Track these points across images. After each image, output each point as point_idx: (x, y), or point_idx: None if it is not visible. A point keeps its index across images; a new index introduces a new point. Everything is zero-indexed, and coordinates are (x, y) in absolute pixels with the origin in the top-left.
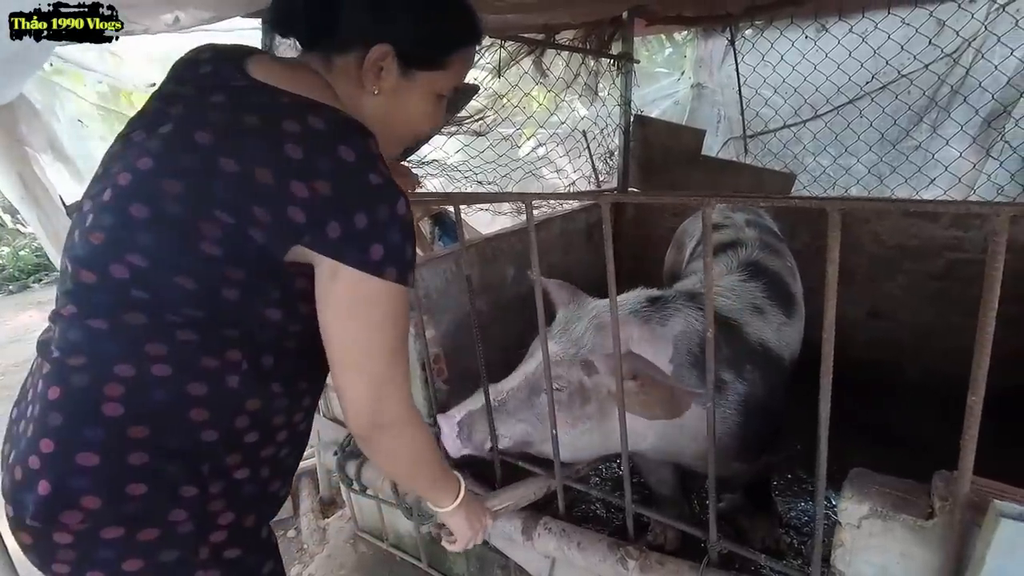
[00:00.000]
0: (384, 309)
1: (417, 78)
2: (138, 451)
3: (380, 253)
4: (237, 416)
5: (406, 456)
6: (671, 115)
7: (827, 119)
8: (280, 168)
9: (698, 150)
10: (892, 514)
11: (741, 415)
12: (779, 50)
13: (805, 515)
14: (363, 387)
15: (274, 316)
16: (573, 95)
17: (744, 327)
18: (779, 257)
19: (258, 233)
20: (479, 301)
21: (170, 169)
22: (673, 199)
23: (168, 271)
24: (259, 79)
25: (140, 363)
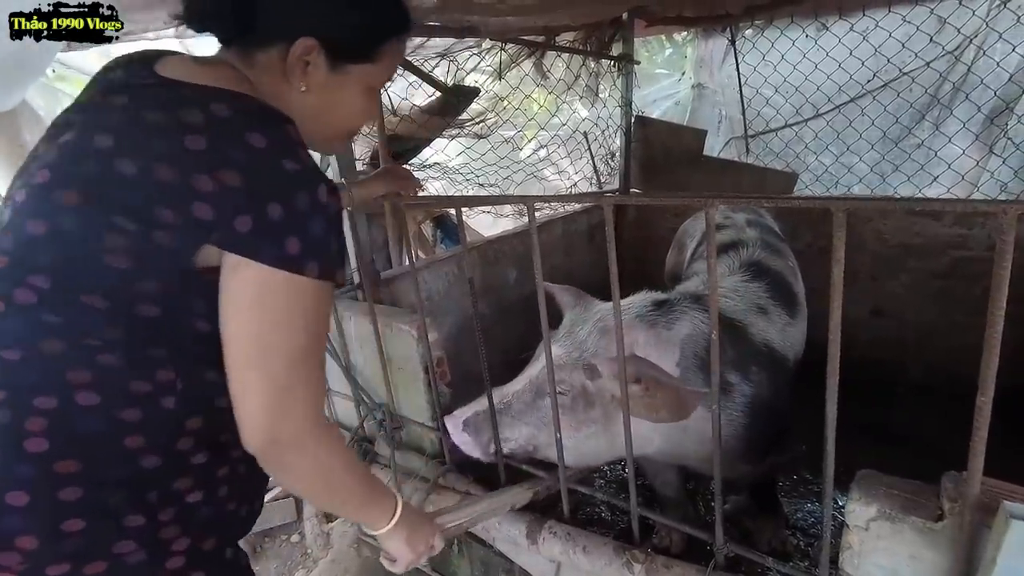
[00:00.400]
0: (296, 305)
1: (348, 72)
2: (70, 486)
3: (298, 247)
4: (179, 439)
5: (314, 477)
6: (672, 116)
7: (829, 118)
8: (181, 162)
9: (699, 150)
10: (901, 516)
11: (747, 417)
12: (780, 49)
13: (812, 516)
14: (260, 393)
15: (204, 328)
16: (574, 97)
17: (749, 328)
18: (780, 257)
19: (164, 237)
20: (481, 303)
21: (66, 179)
22: (675, 200)
23: (74, 291)
24: (167, 76)
25: (62, 393)
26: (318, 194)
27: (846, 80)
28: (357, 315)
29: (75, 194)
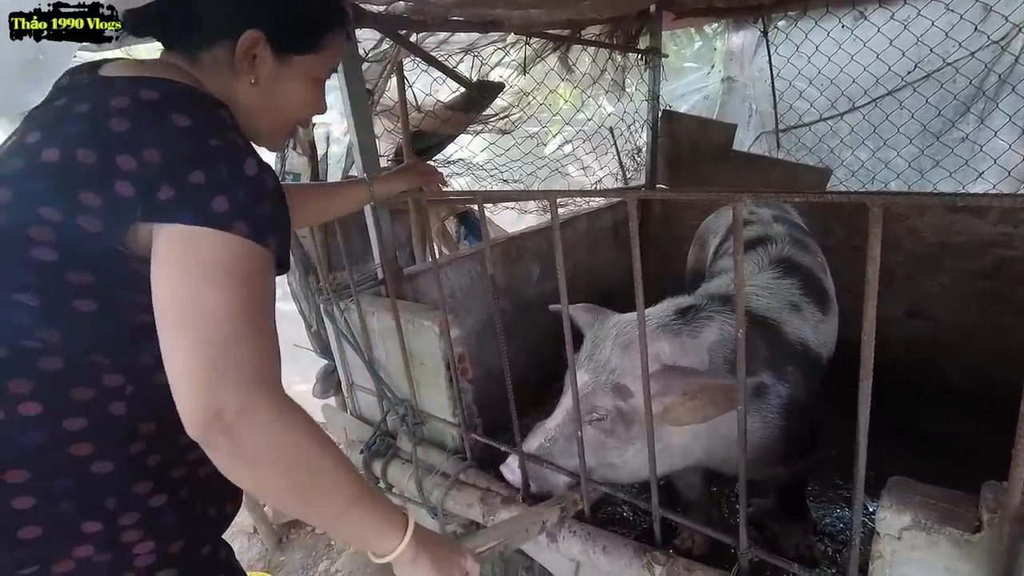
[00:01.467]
0: (225, 261)
1: (292, 63)
2: (21, 496)
3: (225, 205)
4: (131, 443)
5: (274, 461)
6: (700, 110)
7: (865, 111)
8: (104, 144)
9: (728, 145)
10: (936, 527)
11: (784, 418)
12: (814, 40)
13: (841, 522)
14: (193, 359)
15: (149, 323)
16: (600, 91)
17: (783, 327)
18: (809, 253)
19: (90, 222)
20: (503, 300)
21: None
22: (702, 196)
23: (6, 289)
24: (105, 75)
25: (6, 404)
26: (244, 166)
27: (884, 72)
28: (380, 310)
29: (5, 192)
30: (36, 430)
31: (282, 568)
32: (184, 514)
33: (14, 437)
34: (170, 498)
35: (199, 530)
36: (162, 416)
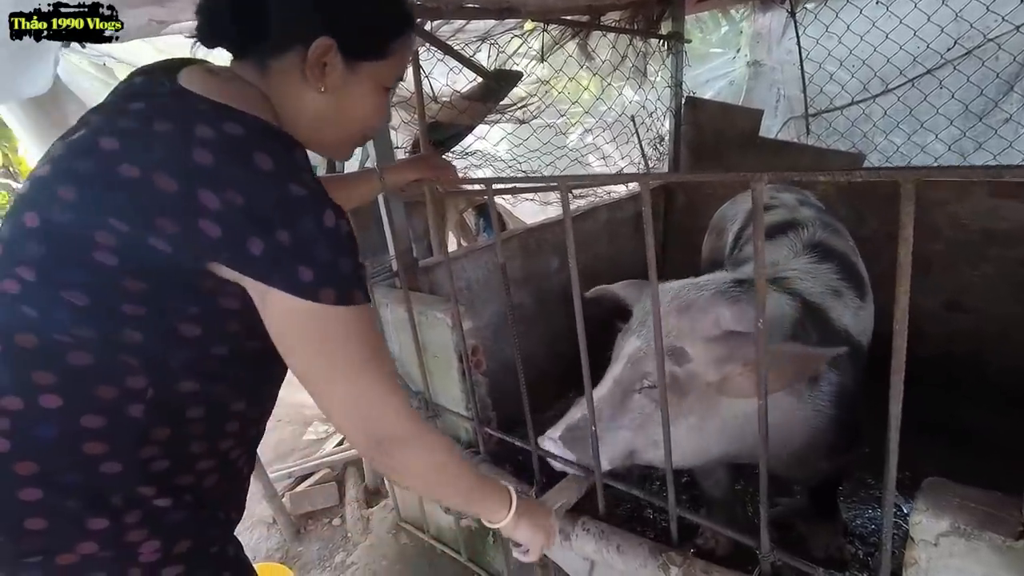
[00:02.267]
0: (331, 334)
1: (362, 70)
2: (29, 487)
3: (309, 275)
4: (142, 447)
5: (422, 471)
6: (726, 96)
7: (900, 93)
8: (186, 176)
9: (754, 132)
10: (976, 532)
11: (835, 407)
12: (845, 20)
13: (872, 524)
14: (344, 411)
15: (190, 333)
16: (621, 79)
17: (829, 311)
18: (841, 237)
19: (162, 244)
20: (521, 292)
21: (66, 175)
22: (718, 177)
23: (56, 285)
24: (185, 86)
25: (28, 394)
26: (324, 219)
27: (922, 50)
28: (393, 302)
29: (72, 190)
30: (53, 424)
31: (299, 559)
32: (190, 515)
33: (30, 429)
34: (175, 501)
35: (206, 531)
36: (177, 423)
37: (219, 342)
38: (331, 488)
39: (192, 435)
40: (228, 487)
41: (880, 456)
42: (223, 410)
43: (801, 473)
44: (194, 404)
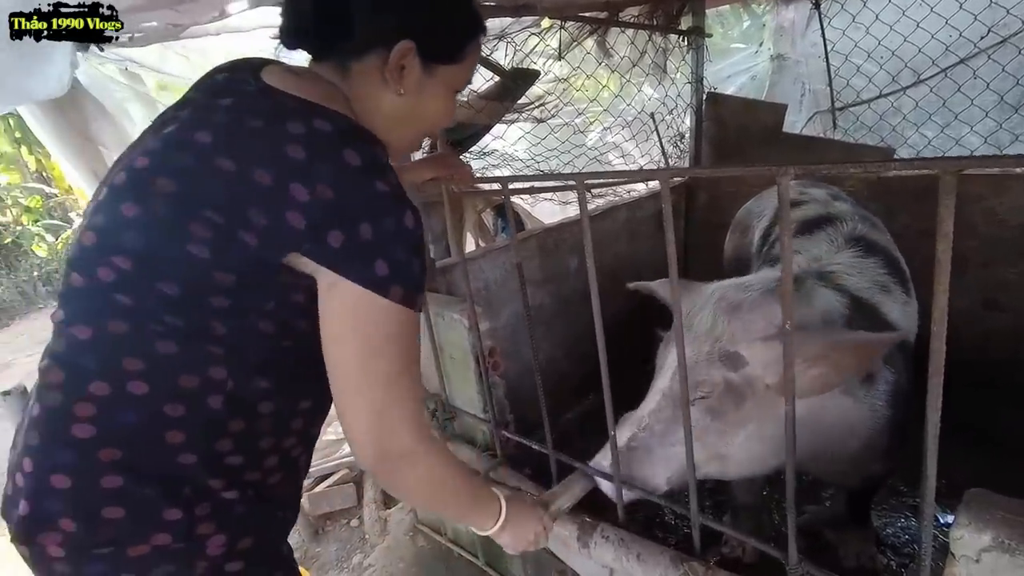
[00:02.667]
0: (386, 330)
1: (437, 73)
2: (111, 474)
3: (385, 270)
4: (218, 440)
5: (423, 488)
6: (748, 91)
7: (932, 84)
8: (280, 169)
9: (778, 127)
10: (1022, 547)
11: (891, 407)
12: (873, 9)
13: (905, 533)
14: (364, 415)
15: (267, 329)
16: (640, 75)
17: (879, 307)
18: (880, 231)
19: (250, 237)
20: (540, 293)
21: (165, 167)
22: (742, 171)
23: (151, 275)
24: (270, 84)
25: (116, 380)
26: (405, 219)
27: (955, 38)
28: None
29: (170, 182)
30: (138, 410)
31: (317, 559)
32: (253, 511)
33: (116, 415)
34: (241, 495)
35: (266, 529)
36: (251, 418)
37: (290, 339)
38: (349, 489)
39: (262, 431)
40: (288, 485)
41: (911, 461)
42: (291, 407)
43: (852, 477)
44: (266, 399)
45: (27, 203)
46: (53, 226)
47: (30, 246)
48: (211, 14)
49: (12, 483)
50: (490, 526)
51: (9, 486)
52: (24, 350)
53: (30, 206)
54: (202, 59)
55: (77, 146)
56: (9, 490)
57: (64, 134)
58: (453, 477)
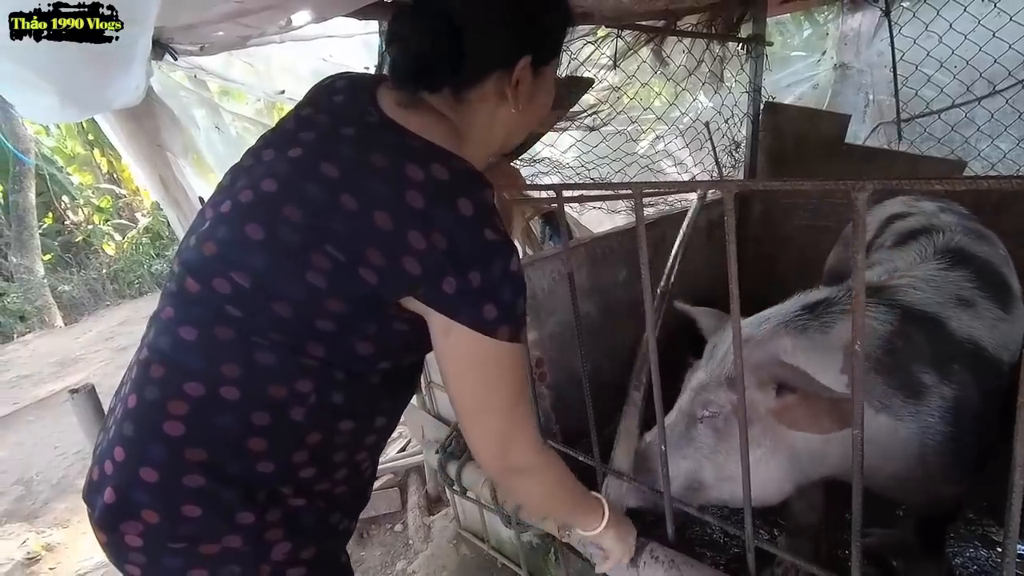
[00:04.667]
0: (499, 367)
1: (543, 73)
2: (194, 473)
3: (493, 313)
4: (295, 451)
5: (540, 496)
6: (808, 100)
7: (1009, 95)
8: (400, 215)
9: (840, 138)
10: None
11: (950, 424)
12: (946, 18)
13: (974, 564)
14: (489, 440)
15: (365, 351)
16: (695, 84)
17: (948, 322)
18: (988, 243)
19: (369, 274)
20: (587, 303)
21: (293, 196)
22: (811, 186)
23: (267, 295)
24: (388, 115)
25: (212, 383)
26: (511, 263)
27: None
28: None
29: (298, 212)
30: (228, 415)
31: (362, 563)
32: (318, 521)
33: (208, 417)
34: (308, 504)
35: (328, 538)
36: (330, 432)
37: (385, 359)
38: (393, 494)
39: (338, 445)
40: (354, 495)
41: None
42: (367, 425)
43: (916, 495)
44: (346, 417)
45: (98, 203)
46: (121, 225)
47: (100, 245)
48: (277, 24)
49: (99, 470)
50: (596, 526)
51: (95, 471)
52: (93, 345)
53: (101, 206)
54: (265, 66)
55: (147, 152)
56: (95, 476)
57: (138, 140)
58: (563, 483)
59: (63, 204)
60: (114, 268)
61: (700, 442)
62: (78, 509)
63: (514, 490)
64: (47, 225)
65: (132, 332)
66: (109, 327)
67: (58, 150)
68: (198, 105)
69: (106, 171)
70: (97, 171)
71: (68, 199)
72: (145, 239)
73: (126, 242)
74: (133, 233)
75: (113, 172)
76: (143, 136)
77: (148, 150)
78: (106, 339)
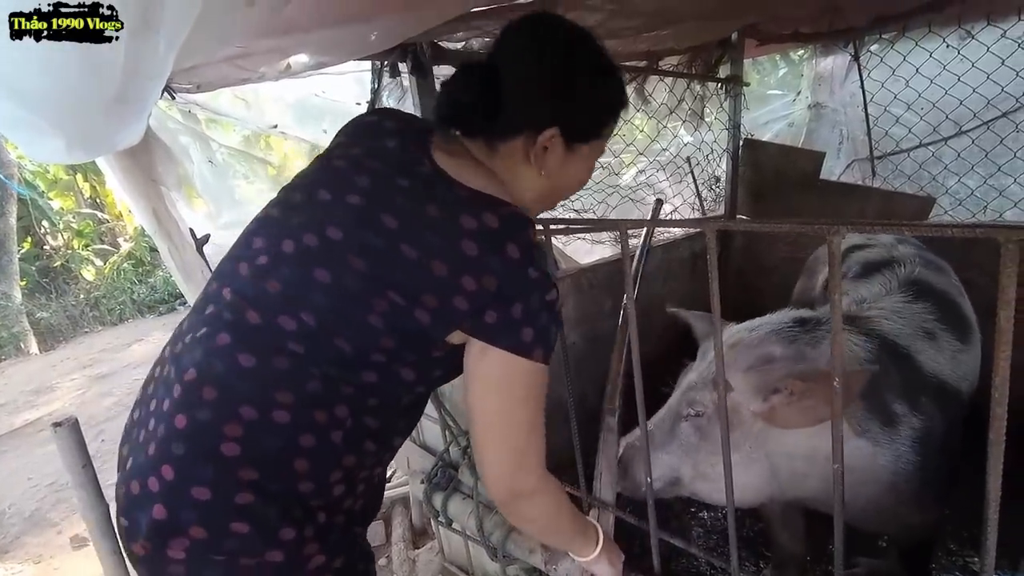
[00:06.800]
0: (528, 386)
1: (580, 151)
2: (245, 492)
3: (531, 336)
4: (332, 471)
5: (543, 520)
6: (785, 138)
7: (974, 135)
8: (455, 263)
9: (816, 174)
10: None
11: (919, 454)
12: (913, 63)
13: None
14: (505, 458)
15: (407, 377)
16: (677, 121)
17: (917, 355)
18: (944, 275)
19: (424, 315)
20: (574, 332)
21: (357, 246)
22: (791, 227)
23: (331, 333)
24: (440, 165)
25: (264, 407)
26: (549, 295)
27: (996, 93)
28: None
29: (362, 262)
30: (278, 437)
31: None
32: (345, 534)
33: (260, 440)
34: (332, 520)
35: (352, 549)
36: (360, 454)
37: (423, 384)
38: (378, 527)
39: (364, 465)
40: (371, 506)
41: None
42: (388, 444)
43: (888, 525)
44: (371, 439)
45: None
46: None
47: (79, 270)
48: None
49: (140, 485)
50: (589, 552)
51: (134, 486)
52: (70, 373)
53: (81, 231)
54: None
55: (142, 186)
56: (135, 490)
57: (133, 175)
58: (564, 510)
59: (43, 229)
60: (95, 294)
61: (683, 439)
62: (50, 544)
63: (520, 513)
64: (26, 250)
65: (113, 360)
66: (88, 355)
67: (40, 174)
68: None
69: (88, 196)
70: (79, 196)
71: (48, 224)
72: (127, 265)
73: (108, 267)
74: (115, 258)
75: (96, 197)
76: (138, 171)
77: (143, 185)
78: (84, 367)
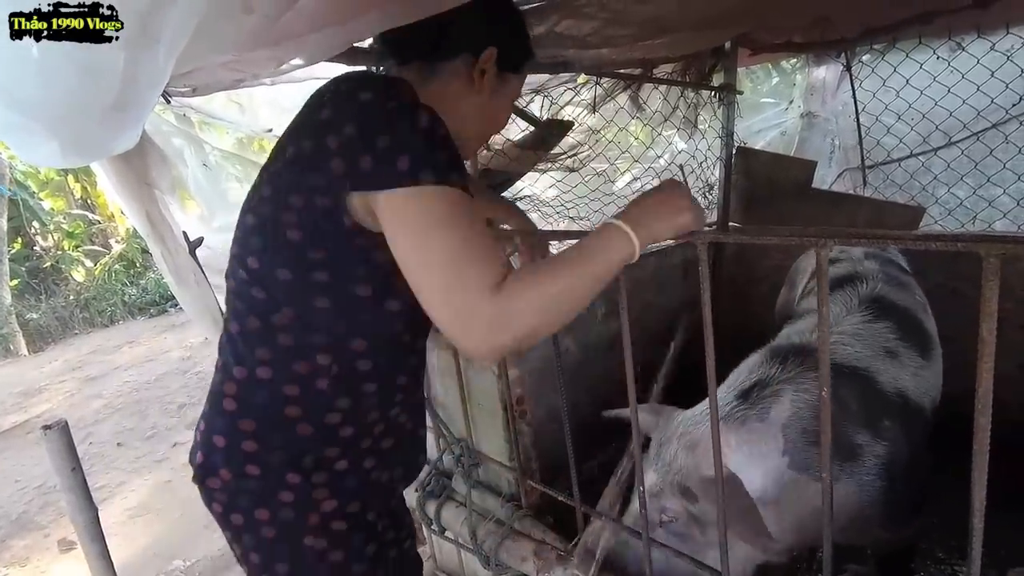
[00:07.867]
0: (429, 214)
1: (506, 81)
2: (248, 440)
3: (407, 163)
4: (328, 413)
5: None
6: (777, 146)
7: (964, 146)
8: (316, 132)
9: (808, 182)
10: None
11: (884, 479)
12: (903, 74)
13: None
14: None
15: (364, 292)
16: (671, 129)
17: (877, 377)
18: (906, 291)
19: (321, 199)
20: (566, 339)
21: (268, 179)
22: (780, 239)
23: (270, 265)
24: None
25: (250, 366)
26: (417, 120)
27: (986, 104)
28: (439, 347)
29: (269, 187)
30: (265, 390)
31: None
32: (363, 479)
33: (251, 394)
34: (351, 464)
35: (373, 494)
36: (357, 396)
37: (391, 298)
38: None
39: (369, 406)
40: (402, 445)
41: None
42: (391, 384)
43: (859, 542)
44: (368, 380)
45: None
46: (93, 252)
47: (70, 271)
48: (269, 69)
49: (194, 436)
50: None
51: (196, 436)
52: (58, 376)
53: (72, 232)
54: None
55: (136, 190)
56: (196, 440)
57: (127, 178)
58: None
59: (33, 229)
60: (85, 296)
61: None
62: (37, 547)
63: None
64: (16, 250)
65: (102, 362)
66: (77, 356)
67: (31, 175)
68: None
69: (80, 197)
70: (70, 197)
71: (39, 224)
72: (119, 266)
73: (98, 269)
74: (106, 260)
75: (87, 198)
76: (132, 174)
77: (137, 188)
78: (73, 368)
